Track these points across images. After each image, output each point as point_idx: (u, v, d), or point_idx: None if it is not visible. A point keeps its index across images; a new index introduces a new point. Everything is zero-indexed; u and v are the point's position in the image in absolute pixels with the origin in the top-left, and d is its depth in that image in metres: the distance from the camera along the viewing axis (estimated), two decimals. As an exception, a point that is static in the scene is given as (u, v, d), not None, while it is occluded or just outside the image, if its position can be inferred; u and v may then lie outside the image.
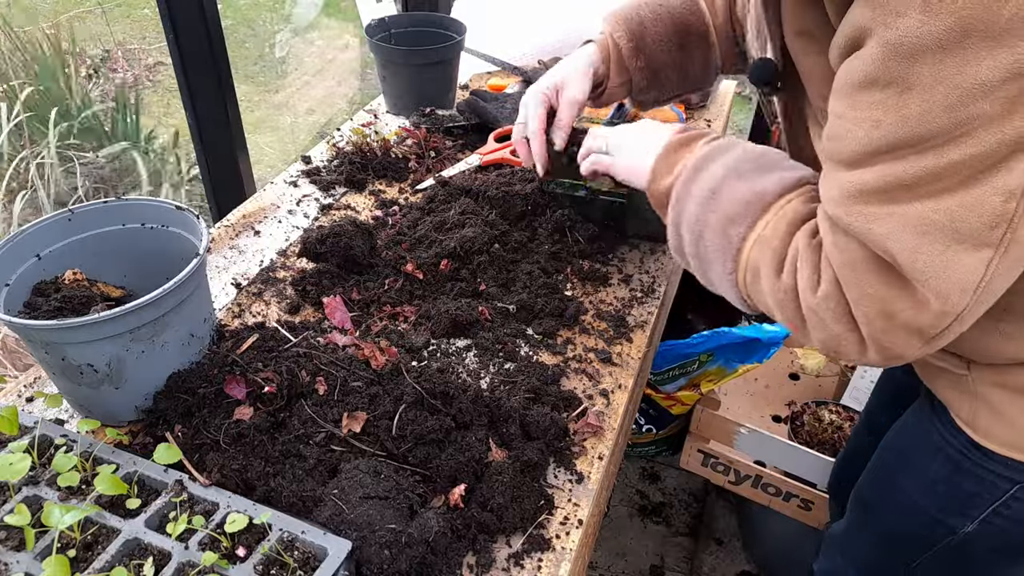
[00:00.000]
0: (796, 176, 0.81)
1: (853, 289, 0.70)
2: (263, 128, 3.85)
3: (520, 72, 1.81)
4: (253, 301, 1.16)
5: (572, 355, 1.08)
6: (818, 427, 1.89)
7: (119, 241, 1.01)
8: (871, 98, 0.64)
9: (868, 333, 0.70)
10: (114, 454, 0.80)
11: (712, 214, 0.83)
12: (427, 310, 1.13)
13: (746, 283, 0.82)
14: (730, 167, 0.84)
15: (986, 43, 0.56)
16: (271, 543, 0.71)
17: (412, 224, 1.31)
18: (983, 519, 0.92)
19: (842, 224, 0.69)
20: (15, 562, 0.69)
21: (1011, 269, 0.66)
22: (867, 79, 0.64)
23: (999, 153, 0.60)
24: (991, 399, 0.86)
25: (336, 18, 4.79)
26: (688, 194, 0.86)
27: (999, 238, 0.62)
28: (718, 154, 0.87)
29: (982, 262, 0.64)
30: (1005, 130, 0.58)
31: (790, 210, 0.79)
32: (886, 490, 1.06)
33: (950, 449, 0.92)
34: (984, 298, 0.66)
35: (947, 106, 0.60)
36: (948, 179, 0.62)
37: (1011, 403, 0.84)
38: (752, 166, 0.84)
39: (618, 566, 2.04)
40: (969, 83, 0.58)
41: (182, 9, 1.33)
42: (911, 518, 1.01)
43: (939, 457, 0.94)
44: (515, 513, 0.83)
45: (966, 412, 0.89)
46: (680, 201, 0.88)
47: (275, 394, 0.90)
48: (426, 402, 0.90)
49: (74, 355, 0.84)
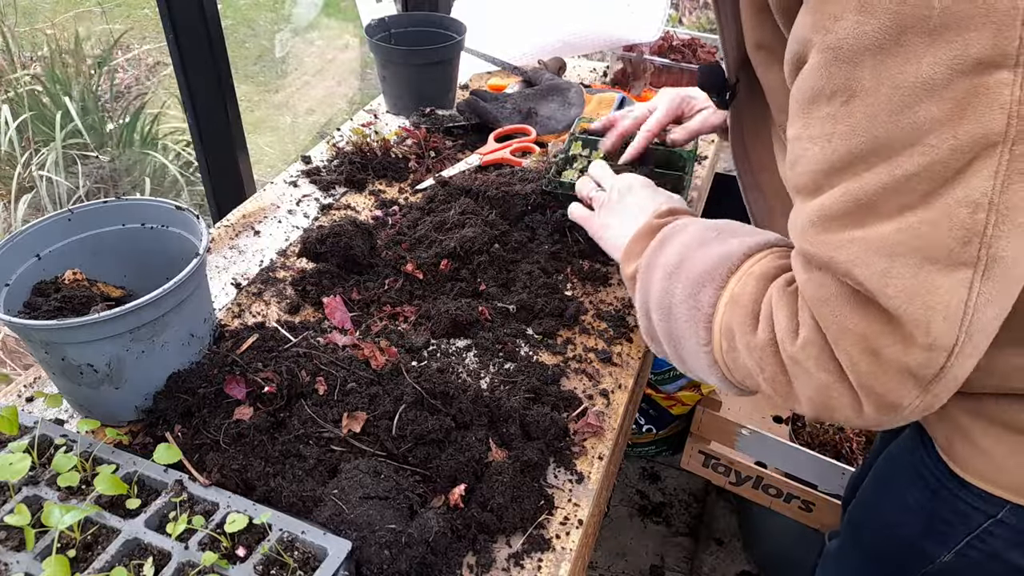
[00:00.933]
0: (762, 239, 0.79)
1: (832, 327, 0.64)
2: (263, 128, 3.85)
3: (520, 72, 1.81)
4: (253, 301, 1.16)
5: (572, 355, 1.08)
6: (819, 429, 1.89)
7: (119, 241, 1.01)
8: (820, 112, 0.61)
9: (856, 379, 0.64)
10: (114, 454, 0.80)
11: (678, 284, 0.80)
12: (427, 310, 1.13)
13: (723, 351, 0.76)
14: (693, 237, 0.83)
15: (923, 39, 0.54)
16: (271, 543, 0.71)
17: (412, 224, 1.31)
18: (958, 551, 0.87)
19: (811, 257, 0.65)
20: (15, 562, 0.69)
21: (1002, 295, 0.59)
22: (814, 92, 0.61)
23: (954, 161, 0.55)
24: (965, 427, 0.81)
25: (336, 18, 4.79)
26: (653, 270, 0.84)
27: (975, 256, 0.57)
28: (679, 230, 0.86)
29: (962, 284, 0.58)
30: (957, 134, 0.55)
31: (759, 268, 0.75)
32: (870, 512, 1.04)
33: (929, 476, 0.88)
34: (976, 329, 0.59)
35: (892, 110, 0.56)
36: (907, 194, 0.58)
37: (985, 433, 0.80)
38: (715, 234, 0.82)
39: (618, 566, 2.04)
40: (911, 82, 0.55)
41: (182, 9, 1.33)
42: (891, 542, 0.98)
43: (919, 483, 0.90)
44: (515, 513, 0.83)
45: (943, 439, 0.85)
46: (646, 279, 0.86)
47: (275, 394, 0.90)
48: (426, 402, 0.90)
49: (74, 355, 0.84)
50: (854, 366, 0.63)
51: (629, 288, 0.92)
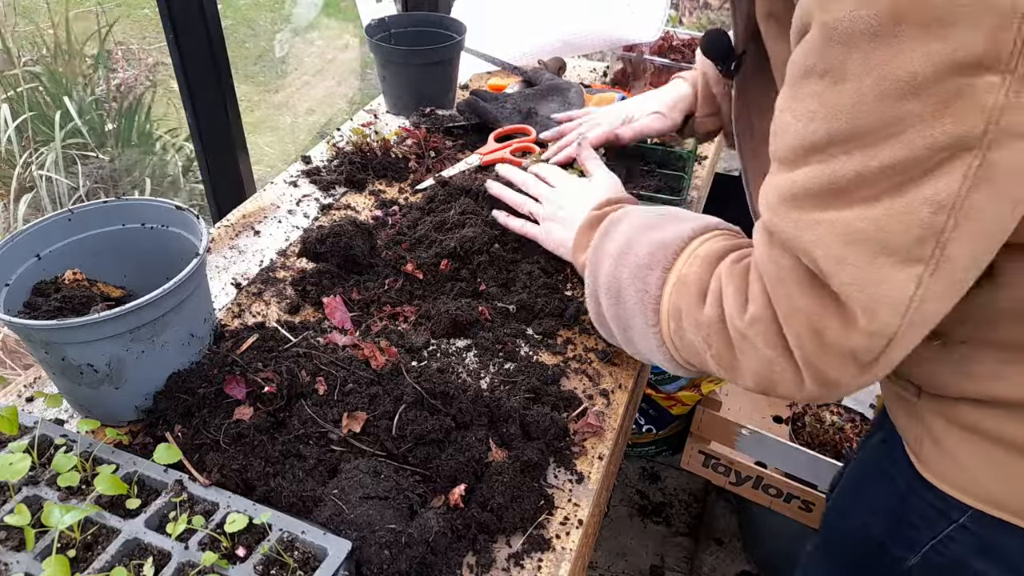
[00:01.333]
0: (706, 222, 0.82)
1: (783, 303, 0.67)
2: (263, 128, 3.85)
3: (520, 72, 1.81)
4: (253, 301, 1.16)
5: (572, 355, 1.08)
6: (819, 428, 1.89)
7: (119, 241, 1.01)
8: (809, 88, 0.61)
9: (801, 356, 0.67)
10: (114, 454, 0.80)
11: (625, 268, 0.83)
12: (427, 310, 1.13)
13: (671, 332, 0.79)
14: (640, 222, 0.85)
15: (918, 32, 0.53)
16: (271, 543, 0.71)
17: (412, 224, 1.31)
18: (924, 554, 0.87)
19: (776, 231, 0.66)
20: (15, 562, 0.69)
21: (946, 294, 0.62)
22: (807, 67, 0.61)
23: (929, 159, 0.56)
24: (939, 432, 0.81)
25: (336, 18, 4.79)
26: (601, 255, 0.87)
27: (928, 254, 0.59)
28: (623, 217, 0.89)
29: (911, 279, 0.60)
30: (935, 133, 0.55)
31: (704, 249, 0.78)
32: (841, 515, 1.04)
33: (899, 478, 0.88)
34: (916, 320, 0.62)
35: (877, 99, 0.56)
36: (877, 185, 0.59)
37: (959, 440, 0.79)
38: (661, 219, 0.84)
39: (618, 566, 2.04)
40: (899, 75, 0.55)
41: (182, 9, 1.33)
42: (861, 544, 0.97)
43: (888, 485, 0.90)
44: (515, 513, 0.83)
45: (913, 440, 0.85)
46: (594, 265, 0.88)
47: (275, 394, 0.90)
48: (426, 402, 0.90)
49: (74, 355, 0.84)
50: (800, 344, 0.66)
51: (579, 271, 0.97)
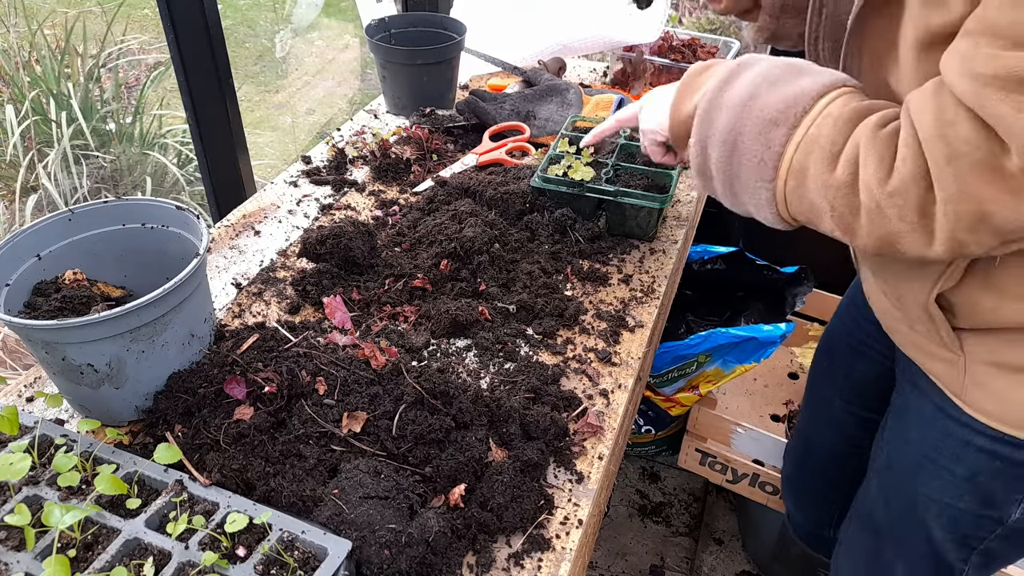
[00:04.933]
0: (832, 77, 0.79)
1: (950, 184, 0.66)
2: (263, 128, 3.85)
3: (520, 72, 1.81)
4: (253, 301, 1.16)
5: (572, 355, 1.08)
6: (818, 427, 1.89)
7: (119, 241, 1.01)
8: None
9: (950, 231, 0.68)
10: (114, 454, 0.80)
11: (748, 121, 0.80)
12: (427, 310, 1.13)
13: (786, 190, 0.79)
14: (762, 74, 0.81)
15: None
16: (271, 543, 0.71)
17: (412, 224, 1.32)
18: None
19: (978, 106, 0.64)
20: (15, 562, 0.69)
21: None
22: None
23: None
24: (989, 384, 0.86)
25: (336, 18, 4.79)
26: (718, 106, 0.83)
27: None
28: (745, 67, 0.84)
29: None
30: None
31: (835, 108, 0.76)
32: (912, 508, 1.04)
33: (980, 440, 0.91)
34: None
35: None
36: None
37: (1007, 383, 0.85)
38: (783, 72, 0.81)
39: (618, 566, 2.04)
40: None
41: (182, 9, 1.33)
42: (952, 524, 0.99)
43: (968, 453, 0.93)
44: (515, 513, 0.83)
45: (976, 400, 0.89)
46: (708, 115, 0.85)
47: (275, 394, 0.90)
48: (426, 402, 0.90)
49: (74, 355, 0.84)
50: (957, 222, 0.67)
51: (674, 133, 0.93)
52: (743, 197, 0.85)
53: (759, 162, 0.80)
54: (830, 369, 1.41)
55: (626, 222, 1.31)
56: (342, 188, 1.46)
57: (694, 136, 0.87)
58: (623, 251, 1.30)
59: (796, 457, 1.58)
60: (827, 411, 1.42)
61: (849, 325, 1.33)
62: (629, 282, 1.24)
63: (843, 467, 1.44)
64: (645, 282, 1.24)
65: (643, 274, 1.26)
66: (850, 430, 1.39)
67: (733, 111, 0.82)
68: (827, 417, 1.43)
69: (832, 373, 1.40)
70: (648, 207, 1.26)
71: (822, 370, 1.45)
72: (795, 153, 0.77)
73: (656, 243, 1.33)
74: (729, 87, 0.84)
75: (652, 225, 1.31)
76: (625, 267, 1.27)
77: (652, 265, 1.28)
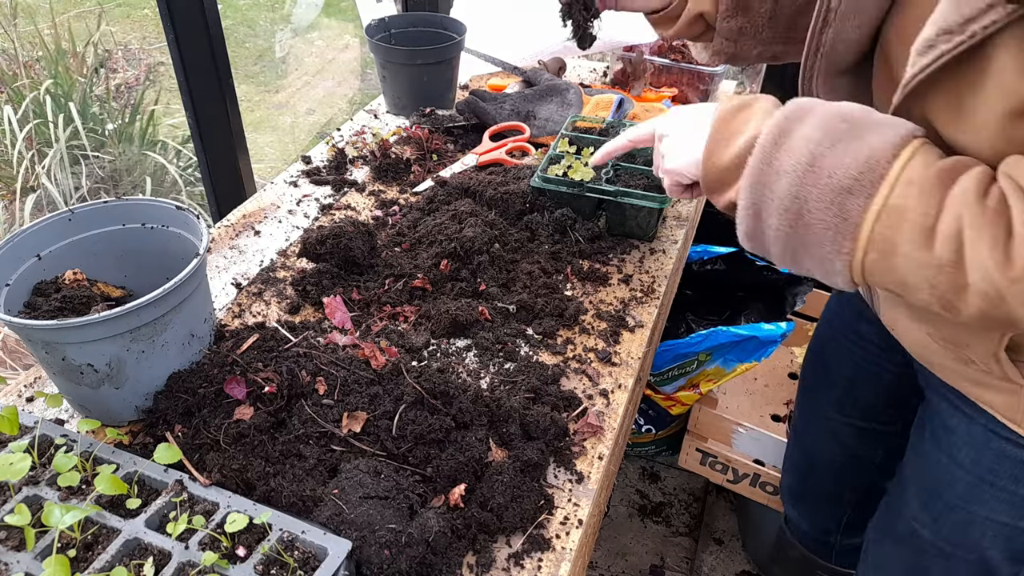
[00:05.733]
0: (900, 131, 0.71)
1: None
2: (263, 128, 3.85)
3: (520, 72, 1.81)
4: (253, 301, 1.16)
5: (572, 355, 1.08)
6: (818, 427, 1.89)
7: (119, 241, 1.01)
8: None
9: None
10: (114, 454, 0.80)
11: (814, 188, 0.71)
12: (427, 310, 1.13)
13: (865, 261, 0.72)
14: (820, 129, 0.72)
15: None
16: (271, 543, 0.71)
17: (412, 224, 1.32)
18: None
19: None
20: (15, 562, 0.69)
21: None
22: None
23: None
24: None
25: (336, 18, 4.79)
26: (774, 170, 0.74)
27: None
28: (795, 121, 0.74)
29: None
30: None
31: (916, 172, 0.68)
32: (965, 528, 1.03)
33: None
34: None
35: None
36: None
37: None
38: (846, 126, 0.72)
39: (618, 566, 2.04)
40: None
41: (182, 9, 1.33)
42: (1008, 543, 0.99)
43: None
44: (515, 513, 0.83)
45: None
46: (762, 179, 0.75)
47: (275, 394, 0.90)
48: (426, 402, 0.90)
49: (74, 355, 0.84)
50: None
51: (711, 185, 0.83)
52: (807, 263, 0.77)
53: (833, 232, 0.72)
54: (826, 382, 1.39)
55: (626, 222, 1.31)
56: (342, 188, 1.46)
57: (744, 200, 0.78)
58: (623, 251, 1.30)
59: (797, 469, 1.57)
60: (826, 425, 1.41)
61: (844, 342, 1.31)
62: (629, 282, 1.24)
63: (845, 478, 1.44)
64: (645, 282, 1.24)
65: (643, 274, 1.26)
66: (850, 441, 1.38)
67: (794, 177, 0.73)
68: (826, 430, 1.42)
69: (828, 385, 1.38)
70: (648, 207, 1.26)
71: (817, 382, 1.42)
72: (876, 224, 0.69)
73: (656, 243, 1.33)
74: (783, 147, 0.74)
75: (652, 225, 1.31)
76: (625, 267, 1.27)
77: (652, 265, 1.28)
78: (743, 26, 1.01)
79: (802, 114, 0.75)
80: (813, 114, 0.75)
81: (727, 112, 0.82)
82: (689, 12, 1.03)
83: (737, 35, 1.02)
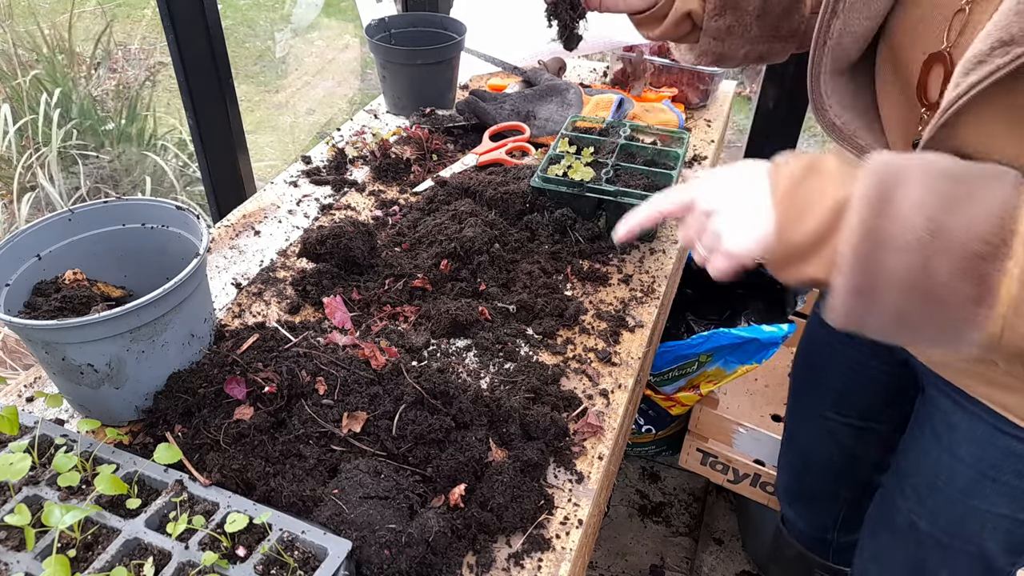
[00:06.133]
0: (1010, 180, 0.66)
1: None
2: (263, 128, 3.85)
3: (520, 72, 1.81)
4: (253, 301, 1.16)
5: (572, 355, 1.08)
6: (818, 427, 1.89)
7: (119, 241, 1.01)
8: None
9: None
10: (114, 454, 0.80)
11: (942, 261, 0.64)
12: (427, 310, 1.13)
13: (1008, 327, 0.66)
14: (932, 194, 0.65)
15: None
16: (271, 543, 0.71)
17: (412, 224, 1.32)
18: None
19: None
20: (15, 562, 0.69)
21: None
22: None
23: None
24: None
25: (336, 18, 4.80)
26: (886, 247, 0.66)
27: None
28: (893, 187, 0.66)
29: None
30: None
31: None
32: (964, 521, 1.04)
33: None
34: None
35: None
36: None
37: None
38: (952, 185, 0.66)
39: (618, 566, 2.04)
40: None
41: (182, 9, 1.33)
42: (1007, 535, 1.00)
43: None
44: (515, 513, 0.83)
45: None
46: (871, 257, 0.67)
47: (275, 394, 0.90)
48: (426, 402, 0.90)
49: (74, 355, 0.84)
50: None
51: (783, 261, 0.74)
52: (926, 334, 0.71)
53: (966, 303, 0.66)
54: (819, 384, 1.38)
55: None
56: (342, 188, 1.46)
57: (850, 283, 0.69)
58: (623, 251, 1.30)
59: (793, 470, 1.57)
60: (824, 425, 1.40)
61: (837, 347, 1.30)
62: (629, 282, 1.24)
63: (843, 477, 1.44)
64: (645, 282, 1.24)
65: (643, 274, 1.26)
66: (848, 441, 1.38)
67: (914, 253, 0.65)
68: (822, 431, 1.41)
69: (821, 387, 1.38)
70: None
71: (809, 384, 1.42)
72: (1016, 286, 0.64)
73: (656, 243, 1.33)
74: (889, 218, 0.66)
75: None
76: (625, 267, 1.27)
77: (652, 265, 1.28)
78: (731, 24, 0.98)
79: (898, 176, 0.67)
80: (911, 175, 0.67)
81: (792, 180, 0.73)
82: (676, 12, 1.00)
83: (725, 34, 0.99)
